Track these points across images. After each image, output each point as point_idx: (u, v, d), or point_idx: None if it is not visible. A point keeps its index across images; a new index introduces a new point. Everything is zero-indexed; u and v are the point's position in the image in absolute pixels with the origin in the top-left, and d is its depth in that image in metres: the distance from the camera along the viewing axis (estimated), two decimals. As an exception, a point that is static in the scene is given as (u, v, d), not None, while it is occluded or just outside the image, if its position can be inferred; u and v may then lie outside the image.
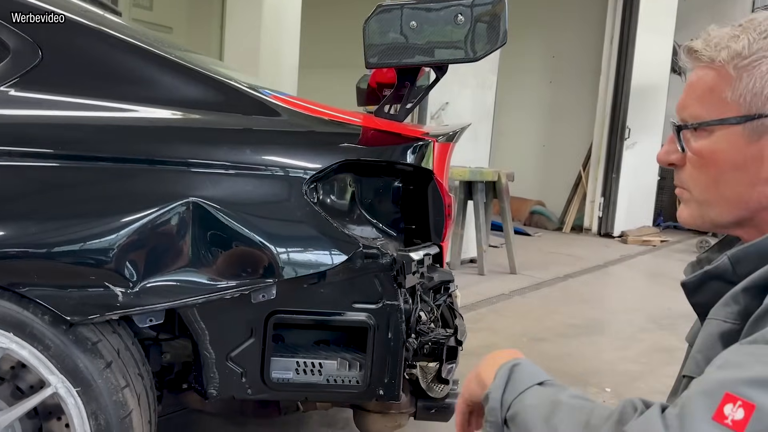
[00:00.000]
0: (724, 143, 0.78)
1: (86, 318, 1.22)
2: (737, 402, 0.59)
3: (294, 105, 1.47)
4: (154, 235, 1.26)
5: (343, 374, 1.46)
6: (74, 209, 1.26)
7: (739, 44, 0.76)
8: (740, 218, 0.80)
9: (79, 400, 1.23)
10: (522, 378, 0.81)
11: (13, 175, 1.25)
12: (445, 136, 1.63)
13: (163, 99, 1.38)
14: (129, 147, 1.30)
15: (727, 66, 0.77)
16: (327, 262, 1.36)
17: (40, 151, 1.27)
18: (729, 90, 0.77)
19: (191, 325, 1.35)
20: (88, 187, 1.28)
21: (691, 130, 0.81)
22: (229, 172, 1.32)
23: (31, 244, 1.21)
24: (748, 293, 0.73)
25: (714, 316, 0.76)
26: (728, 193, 0.79)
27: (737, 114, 0.76)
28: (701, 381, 0.64)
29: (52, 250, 1.22)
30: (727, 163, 0.78)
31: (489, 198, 4.85)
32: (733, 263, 0.76)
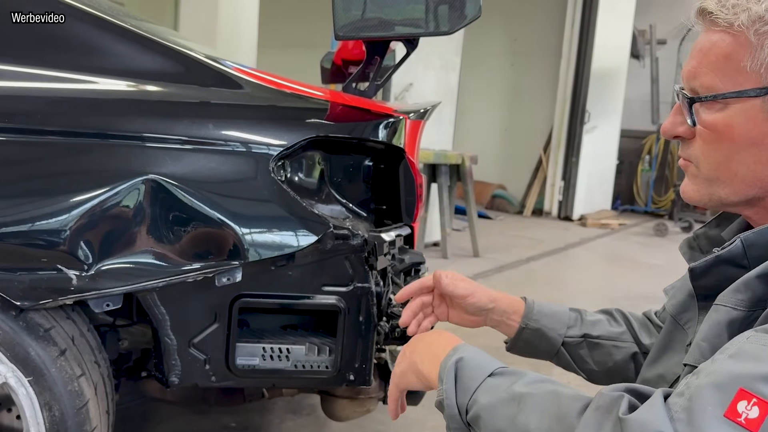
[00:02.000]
0: (740, 117, 0.71)
1: (38, 303, 1.13)
2: (752, 399, 0.54)
3: (259, 78, 1.39)
4: (110, 215, 1.17)
5: (311, 359, 1.41)
6: (23, 187, 1.16)
7: (761, 6, 0.69)
8: (752, 197, 0.75)
9: (31, 390, 1.15)
10: (471, 374, 0.75)
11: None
12: (416, 114, 1.58)
13: (117, 69, 1.29)
14: (82, 120, 1.21)
15: (747, 31, 0.70)
16: (295, 243, 1.30)
17: None
18: (748, 58, 0.70)
19: (151, 310, 1.28)
20: (37, 164, 1.18)
21: (704, 102, 0.74)
22: (191, 147, 1.25)
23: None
24: (762, 280, 0.68)
25: (723, 302, 0.70)
26: (742, 171, 0.73)
27: (757, 86, 0.70)
28: (712, 371, 0.58)
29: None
30: (742, 139, 0.71)
31: (453, 181, 4.83)
32: (745, 247, 0.71)
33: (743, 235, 0.72)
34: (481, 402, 0.72)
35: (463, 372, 0.76)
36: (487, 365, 0.76)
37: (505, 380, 0.73)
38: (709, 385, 0.57)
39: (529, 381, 0.71)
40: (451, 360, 0.78)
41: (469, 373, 0.75)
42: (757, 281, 0.68)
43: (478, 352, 0.79)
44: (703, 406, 0.55)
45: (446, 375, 0.77)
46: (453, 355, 0.78)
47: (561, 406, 0.65)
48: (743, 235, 0.72)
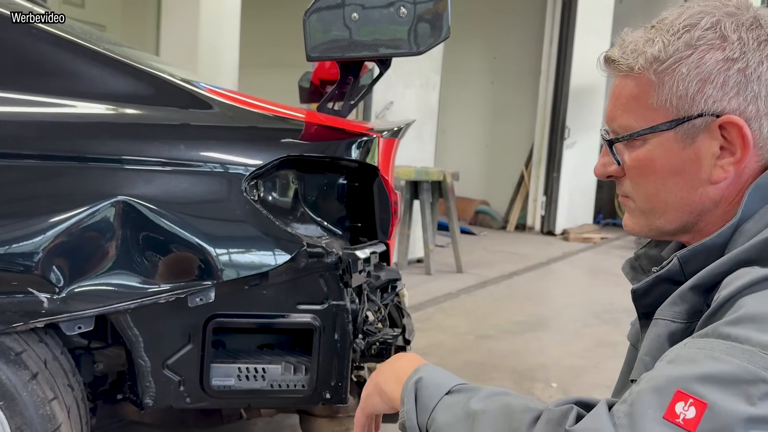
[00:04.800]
0: (659, 150, 0.76)
1: (8, 326, 1.13)
2: (689, 400, 0.57)
3: (231, 99, 1.41)
4: (82, 237, 1.18)
5: (288, 379, 1.41)
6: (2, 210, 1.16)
7: (654, 48, 0.74)
8: (686, 223, 0.78)
9: (2, 415, 1.14)
10: (429, 393, 0.76)
11: None
12: (389, 132, 1.60)
13: (90, 92, 1.30)
14: (53, 143, 1.22)
15: (647, 72, 0.75)
16: (269, 262, 1.31)
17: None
18: (654, 96, 0.75)
19: (124, 332, 1.28)
20: (9, 187, 1.18)
21: (623, 141, 0.79)
22: (162, 168, 1.26)
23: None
24: (695, 291, 0.71)
25: (661, 315, 0.74)
26: (671, 200, 0.77)
27: (666, 119, 0.75)
28: (651, 377, 0.61)
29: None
30: (665, 170, 0.76)
31: (435, 198, 4.86)
32: (682, 264, 0.75)
33: (679, 253, 0.76)
34: (439, 421, 0.73)
35: (422, 392, 0.77)
36: (445, 383, 0.77)
37: (461, 397, 0.74)
38: (649, 390, 0.59)
39: (484, 396, 0.72)
40: (411, 380, 0.79)
41: (427, 392, 0.77)
42: (690, 293, 0.71)
43: (438, 371, 0.81)
44: (643, 410, 0.58)
45: (407, 396, 0.78)
46: (414, 376, 0.80)
47: (512, 420, 0.67)
48: (679, 253, 0.76)
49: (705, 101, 0.72)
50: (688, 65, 0.72)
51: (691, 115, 0.73)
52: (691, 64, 0.72)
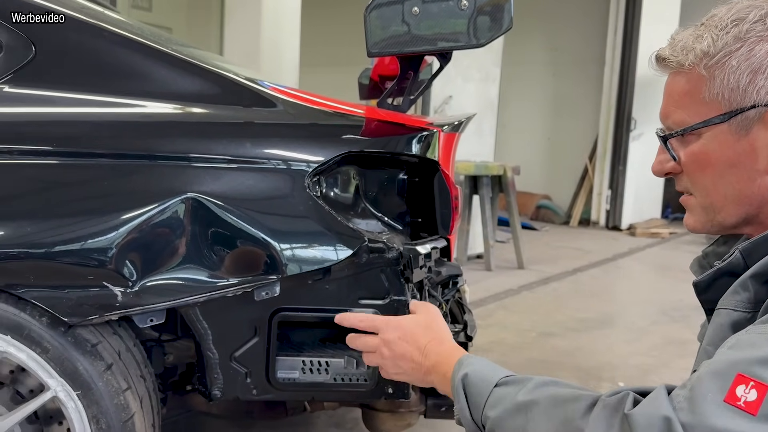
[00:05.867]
0: (714, 144, 0.77)
1: (85, 319, 1.18)
2: (749, 383, 0.57)
3: (294, 96, 1.43)
4: (153, 233, 1.22)
5: (350, 373, 1.42)
6: (71, 207, 1.22)
7: (704, 43, 0.76)
8: (747, 216, 0.78)
9: (80, 404, 1.20)
10: (477, 390, 0.79)
11: (8, 173, 1.21)
12: (450, 126, 1.59)
13: (159, 93, 1.34)
14: (125, 142, 1.27)
15: (698, 67, 0.76)
16: (331, 257, 1.32)
17: (35, 149, 1.23)
18: (705, 90, 0.76)
19: (193, 324, 1.32)
20: (84, 185, 1.23)
21: (678, 137, 0.80)
22: (229, 166, 1.29)
23: (27, 244, 1.17)
24: (756, 280, 0.71)
25: (723, 305, 0.74)
26: (730, 192, 0.77)
27: (719, 112, 0.75)
28: (712, 362, 0.61)
29: (49, 250, 1.18)
30: (721, 163, 0.77)
31: (495, 192, 4.80)
32: (744, 257, 0.75)
33: (741, 245, 0.76)
34: (492, 417, 0.75)
35: (471, 389, 0.80)
36: (491, 376, 0.79)
37: (510, 390, 0.76)
38: (709, 374, 0.60)
39: (533, 387, 0.74)
40: (457, 377, 0.82)
41: (476, 389, 0.79)
42: (751, 281, 0.71)
43: (481, 362, 0.83)
44: (703, 393, 0.58)
45: (457, 394, 0.81)
46: (459, 371, 0.82)
47: (566, 409, 0.68)
48: (741, 245, 0.76)
49: (757, 92, 0.73)
50: (738, 58, 0.73)
51: (744, 106, 0.73)
52: (741, 57, 0.73)
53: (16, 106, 1.29)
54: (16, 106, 1.29)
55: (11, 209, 1.21)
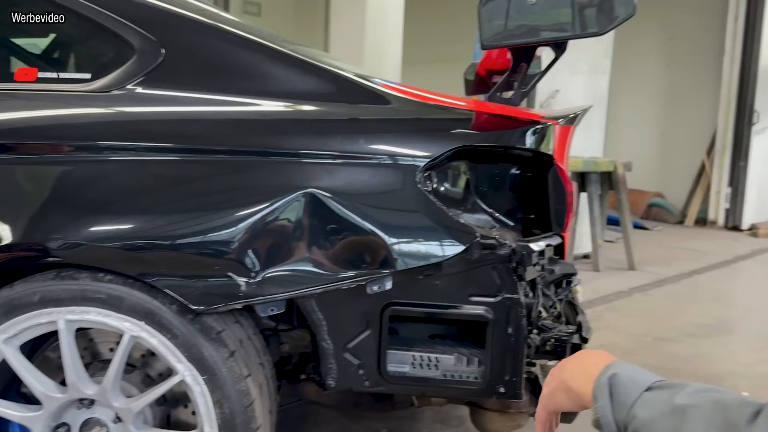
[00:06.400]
0: None
1: (211, 307, 1.24)
2: None
3: (405, 93, 1.43)
4: (274, 226, 1.26)
5: (460, 370, 1.41)
6: (199, 202, 1.28)
7: None
8: None
9: (206, 388, 1.26)
10: (626, 390, 0.73)
11: (142, 169, 1.30)
12: (565, 119, 1.54)
13: (277, 92, 1.38)
14: (248, 140, 1.32)
15: None
16: (443, 252, 1.31)
17: (165, 146, 1.31)
18: None
19: (309, 315, 1.35)
20: (210, 180, 1.30)
21: None
22: (344, 162, 1.31)
23: (159, 236, 1.25)
24: None
25: None
26: None
27: None
28: None
29: (178, 242, 1.25)
30: None
31: (604, 190, 4.60)
32: None
33: None
34: (640, 417, 0.70)
35: (618, 388, 0.74)
36: (643, 380, 0.74)
37: (664, 393, 0.71)
38: None
39: (691, 392, 0.69)
40: (604, 377, 0.77)
41: (624, 389, 0.74)
42: None
43: (632, 367, 0.77)
44: None
45: (600, 392, 0.76)
46: (606, 372, 0.77)
47: (728, 415, 0.63)
48: None
49: None
50: None
51: None
52: None
53: (147, 106, 1.37)
54: (148, 105, 1.37)
55: (145, 203, 1.29)
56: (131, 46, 1.39)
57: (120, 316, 1.25)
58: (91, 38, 1.48)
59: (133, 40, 1.39)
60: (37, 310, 1.24)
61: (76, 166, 1.29)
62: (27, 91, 1.38)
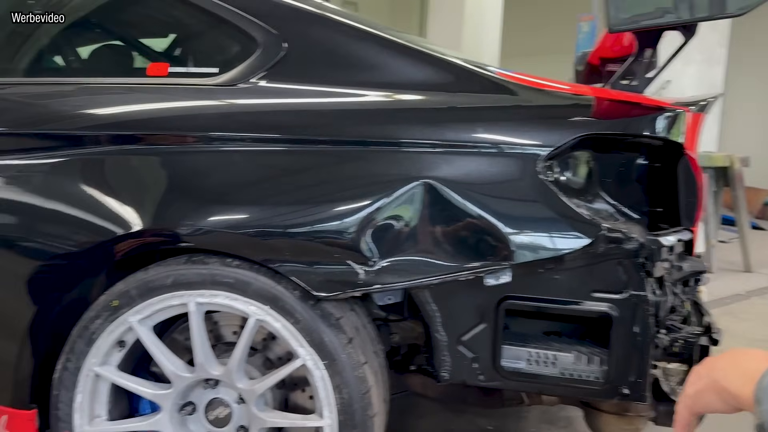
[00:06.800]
0: None
1: (331, 294, 1.26)
2: None
3: (525, 81, 1.39)
4: (392, 216, 1.26)
5: (580, 369, 1.35)
6: (320, 191, 1.30)
7: None
8: None
9: (326, 374, 1.28)
10: None
11: (269, 160, 1.33)
12: (696, 106, 1.44)
13: (396, 83, 1.38)
14: (369, 131, 1.32)
15: None
16: (565, 245, 1.26)
17: (291, 138, 1.34)
18: None
19: (423, 306, 1.35)
20: (334, 170, 1.31)
21: None
22: (463, 151, 1.29)
23: (283, 224, 1.28)
24: None
25: None
26: None
27: None
28: None
29: (301, 229, 1.27)
30: None
31: (719, 186, 4.33)
32: None
33: None
34: None
35: None
36: None
37: None
38: None
39: None
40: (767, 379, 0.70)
41: None
42: None
43: None
44: None
45: (765, 395, 0.69)
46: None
47: None
48: None
49: None
50: None
51: None
52: None
53: (272, 98, 1.40)
54: (273, 98, 1.40)
55: (270, 192, 1.33)
56: (255, 41, 1.43)
57: (246, 300, 1.29)
58: (218, 34, 1.54)
59: (257, 35, 1.43)
60: (170, 292, 1.30)
61: (207, 156, 1.35)
62: (159, 85, 1.45)
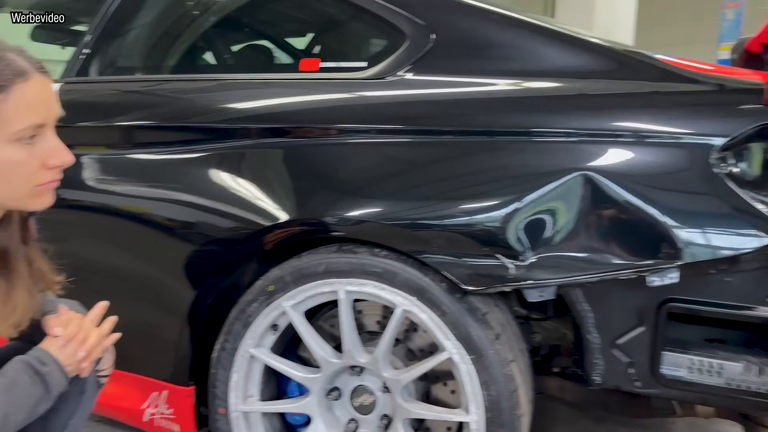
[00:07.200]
0: None
1: (480, 287, 1.23)
2: None
3: (693, 67, 1.29)
4: (546, 208, 1.21)
5: (750, 380, 1.24)
6: (471, 183, 1.27)
7: None
8: None
9: (472, 368, 1.25)
10: None
11: (418, 152, 1.31)
12: None
13: (552, 71, 1.32)
14: (523, 121, 1.28)
15: None
16: (742, 245, 1.15)
17: (442, 130, 1.31)
18: None
19: (573, 306, 1.28)
20: (485, 162, 1.28)
21: None
22: (623, 141, 1.21)
23: (431, 215, 1.26)
24: None
25: None
26: None
27: None
28: None
29: (450, 221, 1.25)
30: None
31: None
32: None
33: None
34: None
35: None
36: None
37: None
38: None
39: None
40: None
41: None
42: None
43: None
44: None
45: None
46: None
47: None
48: None
49: None
50: None
51: None
52: None
53: (422, 90, 1.38)
54: (423, 89, 1.38)
55: (421, 181, 1.31)
56: (403, 33, 1.42)
57: (393, 290, 1.29)
58: (368, 28, 1.55)
59: (405, 27, 1.42)
60: (321, 279, 1.33)
61: (358, 148, 1.35)
62: (311, 80, 1.48)
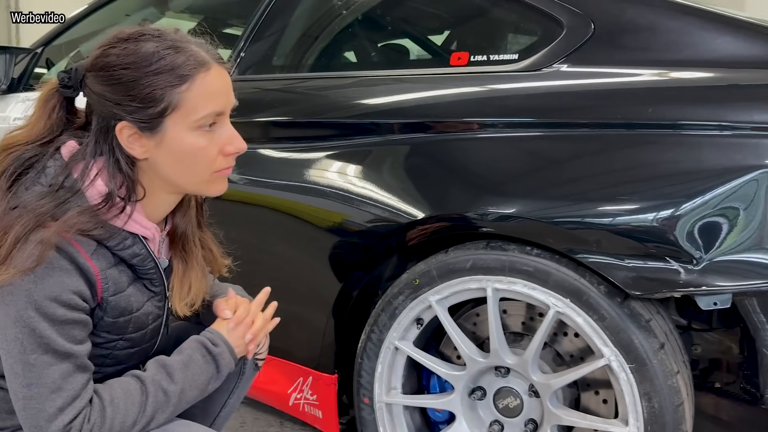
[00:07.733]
0: None
1: (645, 293, 1.15)
2: None
3: None
4: (724, 209, 1.11)
5: None
6: (636, 179, 1.20)
7: None
8: None
9: (632, 378, 1.18)
10: None
11: (577, 145, 1.25)
12: None
13: (722, 60, 1.22)
14: (696, 113, 1.18)
15: None
16: None
17: (601, 122, 1.24)
18: None
19: (749, 316, 1.18)
20: (653, 157, 1.19)
21: None
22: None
23: (591, 212, 1.19)
24: None
25: None
26: None
27: None
28: None
29: (612, 220, 1.18)
30: None
31: None
32: None
33: None
34: None
35: None
36: None
37: None
38: None
39: None
40: None
41: None
42: None
43: None
44: None
45: None
46: None
47: None
48: None
49: None
50: None
51: None
52: None
53: (584, 81, 1.31)
54: (582, 80, 1.31)
55: (580, 178, 1.24)
56: (560, 23, 1.37)
57: (545, 290, 1.24)
58: (520, 18, 1.52)
59: (563, 17, 1.37)
60: (468, 276, 1.31)
61: (512, 143, 1.32)
62: (461, 74, 1.47)
